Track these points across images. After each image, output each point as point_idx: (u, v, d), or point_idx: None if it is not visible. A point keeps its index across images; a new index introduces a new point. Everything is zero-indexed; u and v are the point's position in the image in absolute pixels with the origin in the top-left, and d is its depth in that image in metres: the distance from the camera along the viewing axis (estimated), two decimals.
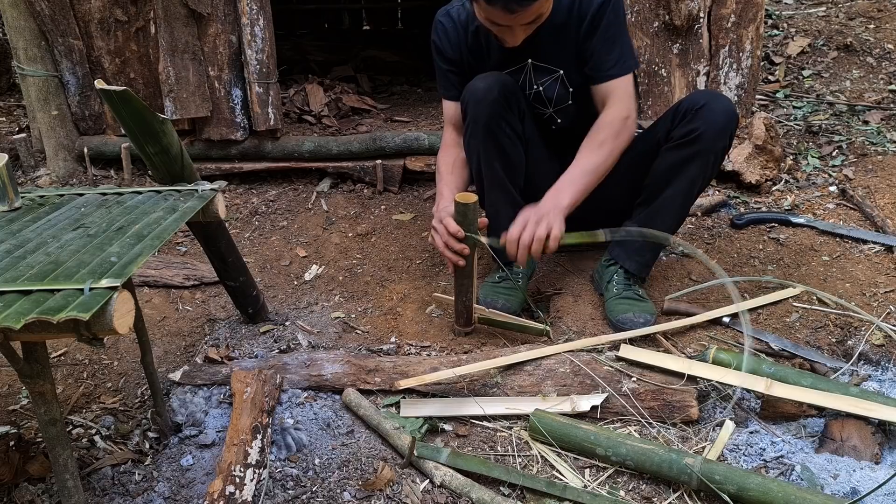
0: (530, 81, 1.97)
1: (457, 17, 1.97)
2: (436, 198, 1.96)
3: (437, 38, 2.00)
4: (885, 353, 1.83)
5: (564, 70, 1.95)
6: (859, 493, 1.39)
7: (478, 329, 1.94)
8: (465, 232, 1.72)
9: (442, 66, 2.02)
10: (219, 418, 1.67)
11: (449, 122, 2.07)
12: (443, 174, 1.99)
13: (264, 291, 2.15)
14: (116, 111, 1.42)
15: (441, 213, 1.79)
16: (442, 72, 2.03)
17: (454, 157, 2.01)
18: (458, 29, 1.97)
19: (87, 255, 1.20)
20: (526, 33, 1.79)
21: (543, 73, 1.96)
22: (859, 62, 3.56)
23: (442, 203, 1.87)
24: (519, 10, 1.66)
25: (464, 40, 1.97)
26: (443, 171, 2.00)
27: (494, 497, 1.40)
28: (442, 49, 2.00)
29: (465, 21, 1.96)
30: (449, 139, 2.06)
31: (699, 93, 1.95)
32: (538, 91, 1.98)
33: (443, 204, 1.86)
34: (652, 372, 1.65)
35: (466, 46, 1.98)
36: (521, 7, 1.65)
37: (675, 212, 1.95)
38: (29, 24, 2.70)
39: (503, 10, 1.66)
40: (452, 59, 1.99)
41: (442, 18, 1.99)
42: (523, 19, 1.71)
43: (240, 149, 2.83)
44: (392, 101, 3.51)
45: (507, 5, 1.64)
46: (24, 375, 1.18)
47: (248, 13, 2.61)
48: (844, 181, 2.64)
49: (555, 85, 1.97)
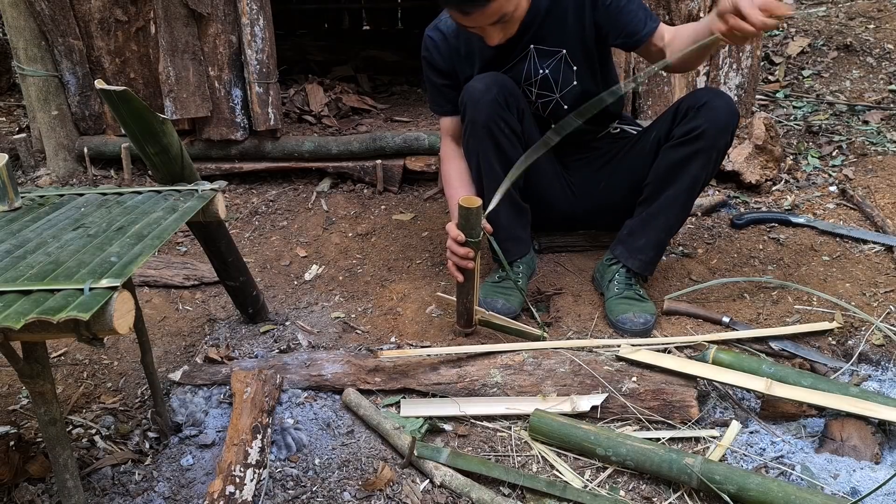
0: (535, 67, 1.97)
1: (445, 29, 1.97)
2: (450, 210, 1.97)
3: (427, 53, 2.00)
4: (885, 353, 1.83)
5: (567, 49, 1.95)
6: (859, 493, 1.39)
7: (478, 330, 1.94)
8: (466, 237, 1.72)
9: (435, 80, 2.02)
10: (219, 418, 1.67)
11: (446, 134, 2.08)
12: (454, 187, 2.01)
13: (264, 291, 2.15)
14: (116, 111, 1.42)
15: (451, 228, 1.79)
16: (435, 87, 2.04)
17: (458, 168, 2.03)
18: (449, 39, 1.97)
19: (87, 255, 1.20)
20: (504, 31, 1.79)
21: (546, 56, 1.96)
22: (859, 62, 3.56)
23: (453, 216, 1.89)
24: (473, 11, 1.66)
25: (455, 49, 1.97)
26: (453, 183, 2.02)
27: (494, 497, 1.40)
28: (434, 63, 2.00)
29: (454, 30, 1.96)
30: (450, 151, 2.07)
31: (700, 91, 1.95)
32: (545, 75, 1.98)
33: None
34: (652, 372, 1.65)
35: (460, 55, 1.98)
36: (474, 8, 1.65)
37: (678, 209, 1.95)
38: (29, 24, 2.70)
39: (458, 11, 1.67)
40: (445, 71, 2.00)
41: (431, 33, 1.99)
42: (484, 20, 1.71)
43: (240, 149, 2.83)
44: (392, 101, 3.51)
45: (461, 7, 1.65)
46: (24, 375, 1.18)
47: (248, 13, 2.61)
48: (844, 181, 2.64)
49: (560, 65, 1.97)
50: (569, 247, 2.33)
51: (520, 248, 2.07)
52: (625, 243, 2.02)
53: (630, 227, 2.02)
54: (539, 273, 2.22)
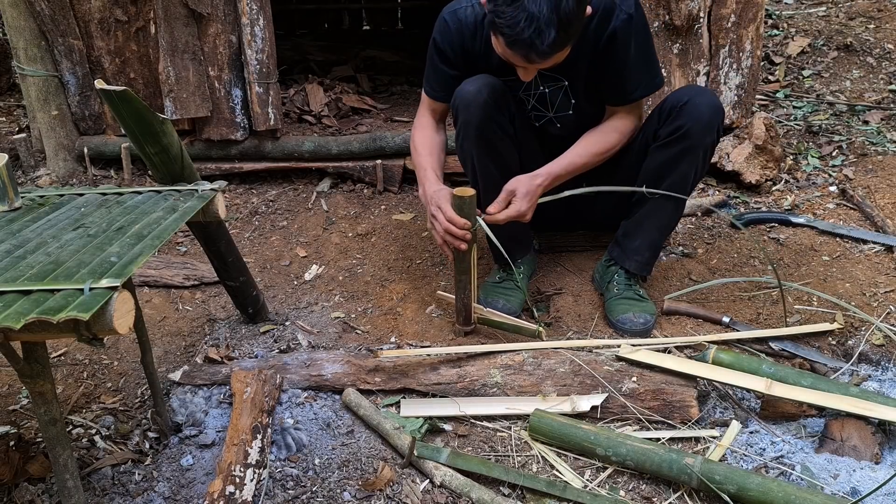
0: (536, 83, 1.96)
1: (464, 19, 1.90)
2: (419, 179, 1.91)
3: (438, 35, 1.94)
4: (885, 353, 1.83)
5: (570, 81, 1.93)
6: (859, 493, 1.40)
7: (478, 329, 1.94)
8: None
9: (439, 65, 1.97)
10: (219, 418, 1.67)
11: (426, 108, 2.03)
12: (423, 155, 1.94)
13: (264, 291, 2.15)
14: (116, 111, 1.42)
15: (437, 198, 1.76)
16: (436, 70, 1.98)
17: (430, 138, 1.98)
18: (464, 31, 1.91)
19: (87, 255, 1.20)
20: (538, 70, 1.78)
21: (549, 80, 1.94)
22: (859, 62, 3.55)
23: (432, 185, 1.84)
24: (538, 61, 1.64)
25: (468, 43, 1.92)
26: (421, 151, 1.95)
27: (494, 497, 1.40)
28: (442, 48, 1.95)
29: (472, 25, 1.90)
30: (425, 122, 2.02)
31: (682, 89, 1.93)
32: (543, 92, 1.97)
33: (435, 187, 1.82)
34: (652, 372, 1.65)
35: (469, 49, 1.94)
36: (540, 59, 1.63)
37: (670, 209, 1.95)
38: (29, 24, 2.69)
39: (523, 58, 1.64)
40: (451, 60, 1.96)
41: (448, 17, 1.92)
42: (541, 67, 1.70)
43: (240, 149, 2.83)
44: (392, 101, 3.51)
45: (528, 55, 1.62)
46: (24, 375, 1.18)
47: (248, 13, 2.61)
48: (844, 181, 2.64)
49: (558, 92, 1.96)
50: (569, 247, 2.33)
51: (520, 249, 2.07)
52: (621, 245, 2.02)
53: (625, 228, 2.02)
54: (539, 273, 2.22)
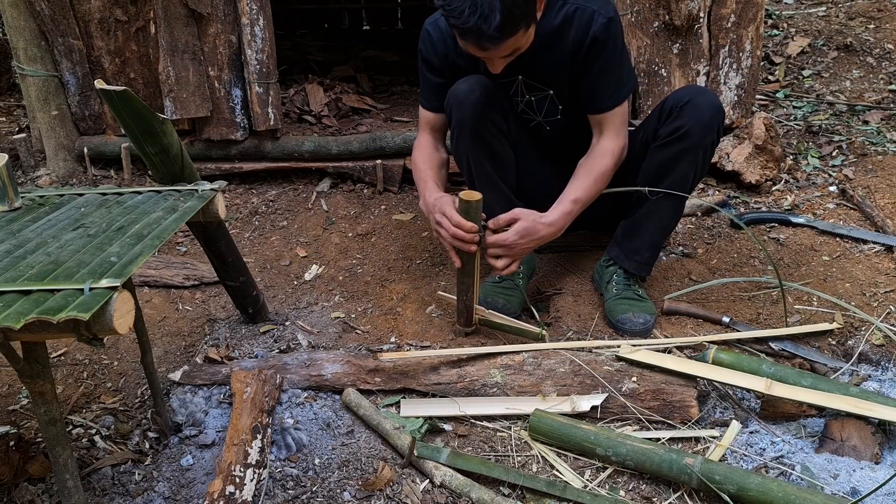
0: (521, 92, 1.97)
1: (445, 28, 1.94)
2: (419, 190, 1.93)
3: (423, 47, 1.98)
4: (885, 353, 1.83)
5: (555, 90, 1.94)
6: (859, 493, 1.39)
7: (478, 330, 1.94)
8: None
9: (427, 75, 2.00)
10: (219, 418, 1.67)
11: (424, 126, 2.06)
12: (423, 170, 1.96)
13: (264, 291, 2.15)
14: (116, 111, 1.42)
15: (440, 205, 1.77)
16: (426, 80, 2.02)
17: (429, 155, 2.00)
18: (446, 38, 1.94)
19: (87, 255, 1.20)
20: (507, 62, 1.79)
21: (534, 89, 1.95)
22: (859, 62, 3.55)
23: (432, 194, 1.85)
24: (491, 47, 1.67)
25: (452, 49, 1.94)
26: (421, 166, 1.97)
27: (494, 497, 1.40)
28: (428, 58, 1.98)
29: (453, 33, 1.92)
30: (424, 141, 2.05)
31: (683, 89, 1.94)
32: (530, 100, 1.98)
33: (435, 195, 1.83)
34: (652, 372, 1.65)
35: (454, 56, 1.95)
36: (492, 45, 1.66)
37: (670, 209, 1.95)
38: (29, 24, 2.69)
39: (475, 46, 1.68)
40: (438, 68, 1.98)
41: (429, 27, 1.96)
42: (498, 53, 1.72)
43: (240, 149, 2.83)
44: (392, 101, 3.51)
45: (479, 42, 1.66)
46: (24, 375, 1.18)
47: (248, 13, 2.61)
48: (844, 181, 2.64)
49: (545, 101, 1.97)
50: (569, 247, 2.33)
51: None
52: (620, 245, 2.02)
53: (625, 228, 2.02)
54: (539, 273, 2.22)
